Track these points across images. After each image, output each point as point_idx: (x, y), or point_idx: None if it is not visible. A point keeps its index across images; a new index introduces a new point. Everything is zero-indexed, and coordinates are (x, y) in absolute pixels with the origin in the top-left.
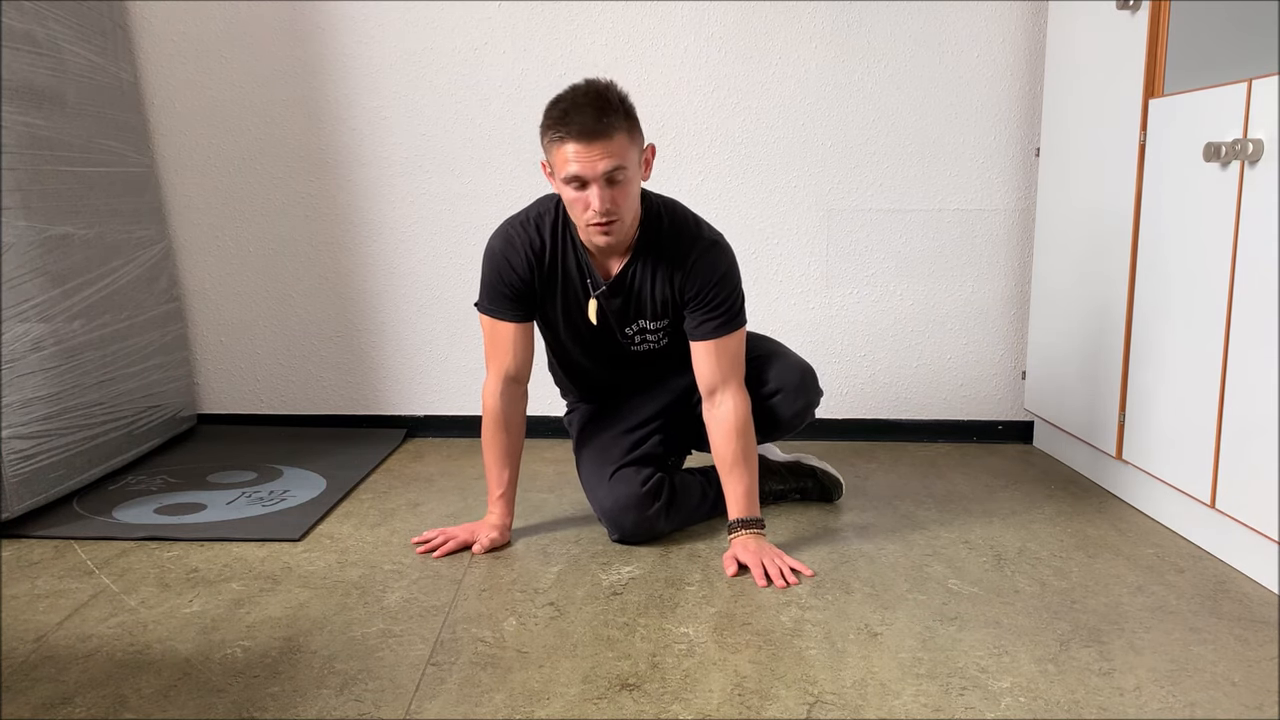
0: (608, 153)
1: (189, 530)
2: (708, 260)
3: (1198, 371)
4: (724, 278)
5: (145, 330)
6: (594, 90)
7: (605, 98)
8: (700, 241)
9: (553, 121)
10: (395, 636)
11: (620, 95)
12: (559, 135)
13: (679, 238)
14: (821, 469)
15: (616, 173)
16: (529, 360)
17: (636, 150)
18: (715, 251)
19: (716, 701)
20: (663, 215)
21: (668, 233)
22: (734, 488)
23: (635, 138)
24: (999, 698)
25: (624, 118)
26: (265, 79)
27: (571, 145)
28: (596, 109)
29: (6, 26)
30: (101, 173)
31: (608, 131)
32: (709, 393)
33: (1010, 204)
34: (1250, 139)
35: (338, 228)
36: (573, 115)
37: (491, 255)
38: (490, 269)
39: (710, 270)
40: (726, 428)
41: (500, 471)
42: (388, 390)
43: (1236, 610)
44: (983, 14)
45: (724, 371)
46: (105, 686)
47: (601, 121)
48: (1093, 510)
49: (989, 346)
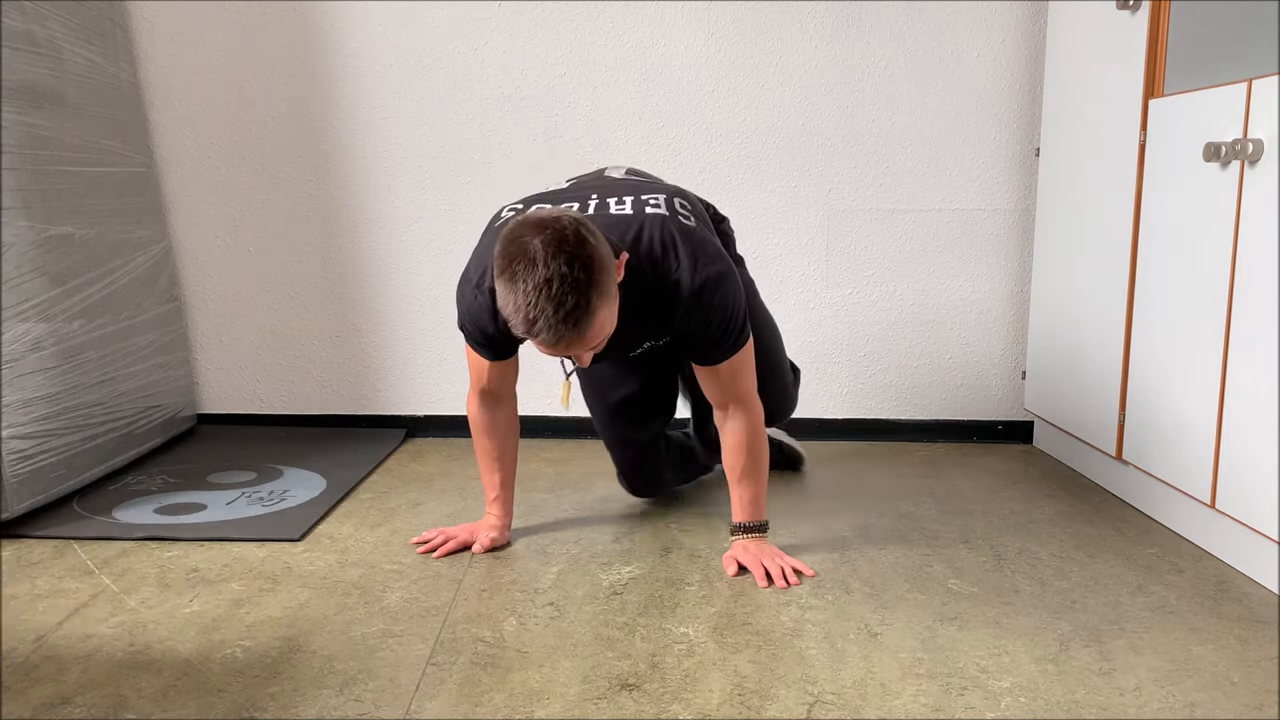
0: (584, 342)
1: (189, 530)
2: (695, 311)
3: (1197, 371)
4: (716, 316)
5: (145, 330)
6: (553, 284)
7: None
8: (681, 299)
9: (517, 326)
10: (395, 636)
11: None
12: (533, 338)
13: (661, 295)
14: (785, 442)
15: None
16: (509, 382)
17: (610, 299)
18: (700, 297)
19: (716, 701)
20: (644, 271)
21: (650, 287)
22: (740, 494)
23: (607, 288)
24: (999, 698)
25: (592, 302)
26: (265, 79)
27: (541, 347)
28: (566, 312)
29: (6, 26)
30: (101, 173)
31: (574, 330)
32: (720, 408)
33: (1010, 204)
34: (1250, 139)
35: (338, 228)
36: (537, 322)
37: (462, 305)
38: (465, 312)
39: (700, 317)
40: (735, 442)
41: (491, 475)
42: (388, 390)
43: (1236, 610)
44: (983, 14)
45: (729, 391)
46: (105, 686)
47: (568, 324)
48: (1093, 510)
49: (989, 346)
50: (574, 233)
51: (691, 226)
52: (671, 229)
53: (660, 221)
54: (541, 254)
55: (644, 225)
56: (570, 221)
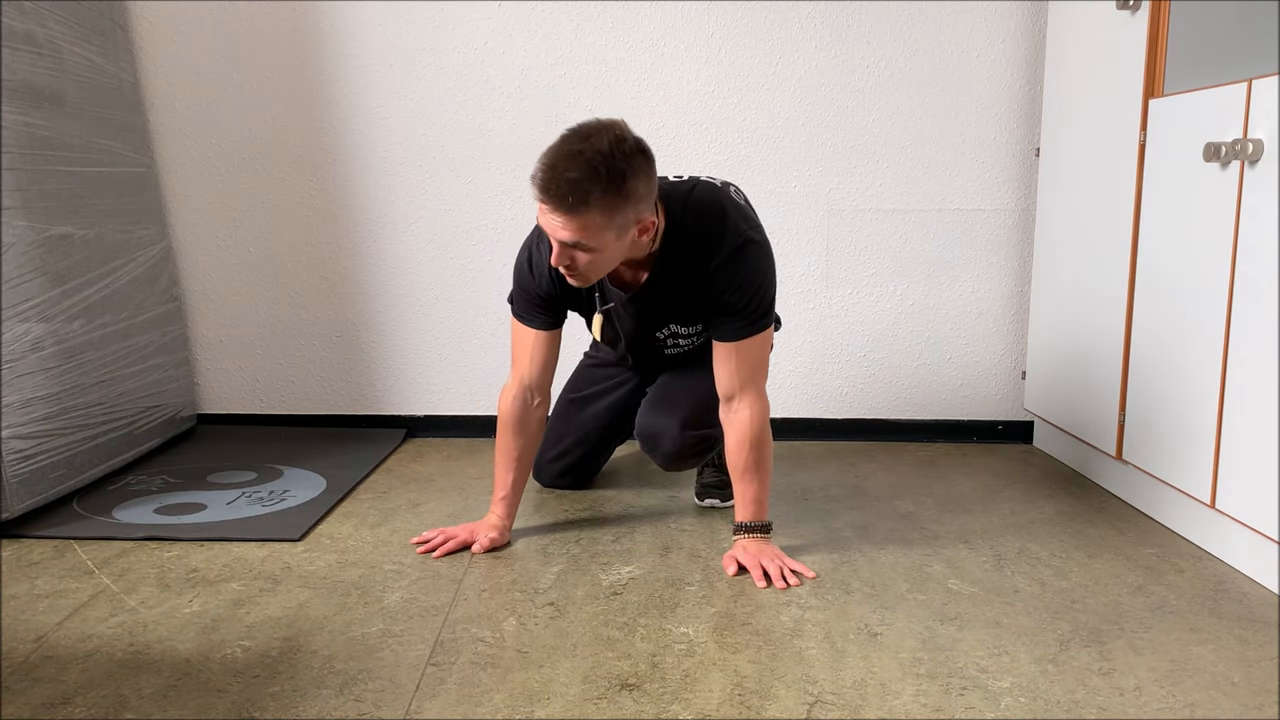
0: (571, 227)
1: (189, 530)
2: (730, 265)
3: (1197, 371)
4: (746, 280)
5: (145, 330)
6: (583, 157)
7: (592, 166)
8: (723, 248)
9: (536, 170)
10: (395, 636)
11: (612, 167)
12: (536, 188)
13: (701, 244)
14: None
15: (577, 247)
16: (549, 372)
17: (616, 228)
18: (740, 255)
19: (716, 701)
20: (686, 221)
21: (690, 240)
22: (743, 492)
23: (617, 214)
24: (999, 698)
25: (604, 193)
26: (265, 79)
27: (541, 204)
28: (573, 182)
29: (6, 26)
30: (101, 173)
31: (576, 209)
32: (727, 397)
33: (1010, 204)
34: (1250, 139)
35: (338, 227)
36: (550, 178)
37: (519, 265)
38: (517, 276)
39: (732, 275)
40: (741, 435)
41: (505, 474)
42: (388, 390)
43: (1236, 610)
44: (982, 14)
45: (742, 377)
46: (105, 686)
47: (572, 197)
48: (1093, 510)
49: (989, 346)
50: (632, 148)
51: (741, 202)
52: (721, 195)
53: (712, 186)
54: (593, 134)
55: (697, 184)
56: (636, 142)
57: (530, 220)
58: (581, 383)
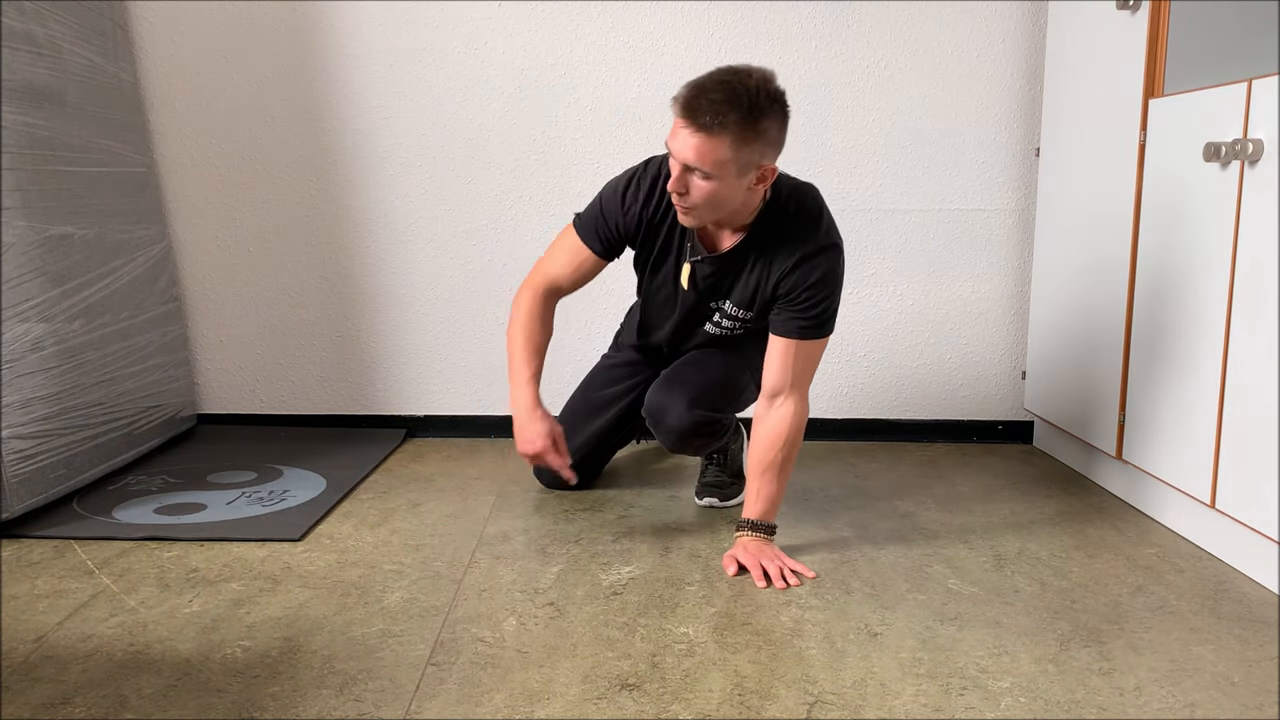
0: (697, 148)
1: (189, 530)
2: (816, 260)
3: (1198, 371)
4: (824, 281)
5: (145, 330)
6: (729, 85)
7: (734, 96)
8: (816, 240)
9: (681, 90)
10: (395, 636)
11: (755, 101)
12: (677, 105)
13: (796, 230)
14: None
15: (695, 171)
16: (575, 289)
17: (739, 163)
18: (827, 254)
19: (716, 701)
20: (789, 204)
21: (788, 221)
22: (759, 489)
23: (746, 149)
24: (999, 698)
25: (740, 123)
26: (265, 79)
27: (678, 120)
28: (716, 103)
29: (6, 26)
30: (101, 173)
31: (712, 129)
32: (772, 393)
33: (1010, 204)
34: (1250, 139)
35: (338, 227)
36: (695, 96)
37: (611, 189)
38: (604, 199)
39: (814, 270)
40: (776, 432)
41: (534, 362)
42: (388, 390)
43: (1236, 610)
44: (982, 14)
45: (794, 375)
46: (105, 686)
47: (709, 117)
48: (1093, 510)
49: (989, 346)
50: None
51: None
52: (821, 199)
53: (815, 188)
54: (744, 71)
55: (805, 183)
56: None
57: (531, 220)
58: (598, 381)
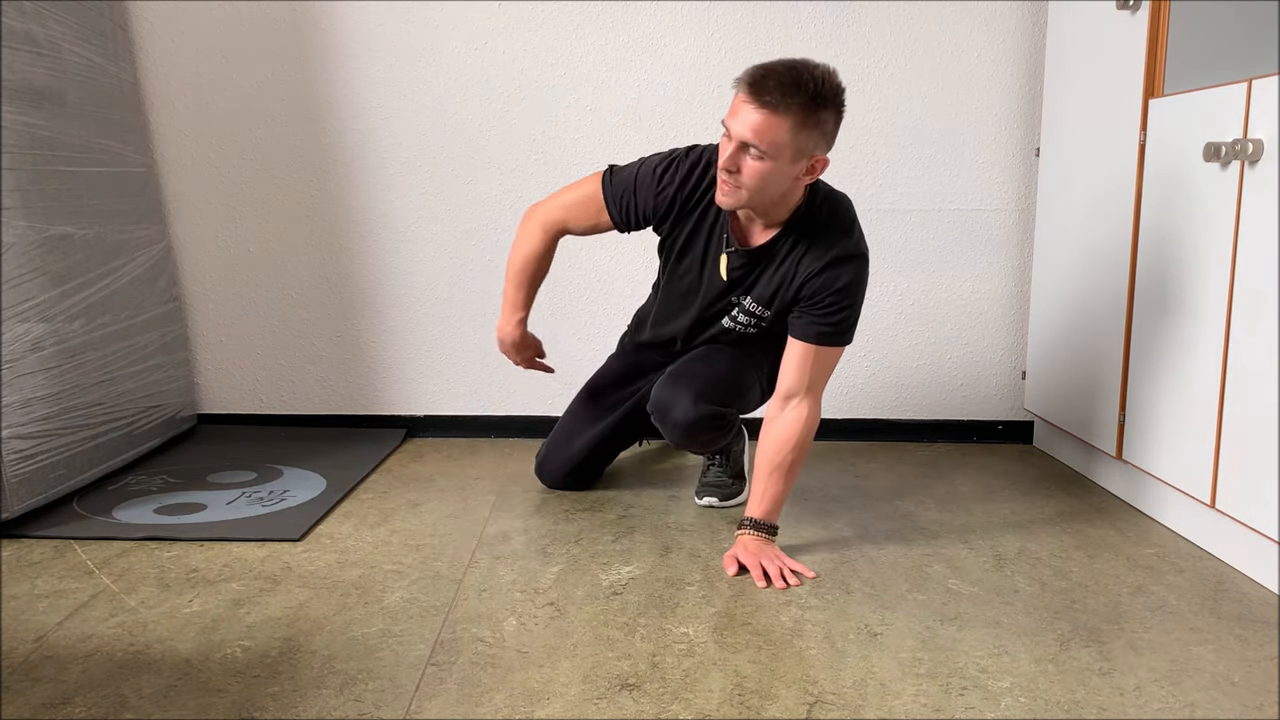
0: (757, 126)
1: (189, 530)
2: (844, 266)
3: (1198, 371)
4: (849, 288)
5: (145, 330)
6: (796, 71)
7: (799, 81)
8: (846, 246)
9: (746, 71)
10: (395, 636)
11: (819, 90)
12: (742, 84)
13: (829, 234)
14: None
15: (752, 149)
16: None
17: (794, 148)
18: (854, 263)
19: (716, 701)
20: (823, 208)
21: (821, 225)
22: (764, 489)
23: (804, 135)
24: (999, 698)
25: (801, 107)
26: (265, 79)
27: (741, 97)
28: (783, 84)
29: (6, 26)
30: (101, 173)
31: (774, 108)
32: (787, 395)
33: (1010, 204)
34: (1250, 139)
35: (338, 227)
36: (762, 76)
37: (650, 164)
38: (641, 170)
39: (841, 275)
40: (787, 434)
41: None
42: (388, 390)
43: (1236, 610)
44: (982, 14)
45: (810, 379)
46: (105, 686)
47: (773, 97)
48: (1093, 510)
49: (989, 346)
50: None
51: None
52: (854, 210)
53: (851, 201)
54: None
55: (841, 192)
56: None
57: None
58: (601, 385)
